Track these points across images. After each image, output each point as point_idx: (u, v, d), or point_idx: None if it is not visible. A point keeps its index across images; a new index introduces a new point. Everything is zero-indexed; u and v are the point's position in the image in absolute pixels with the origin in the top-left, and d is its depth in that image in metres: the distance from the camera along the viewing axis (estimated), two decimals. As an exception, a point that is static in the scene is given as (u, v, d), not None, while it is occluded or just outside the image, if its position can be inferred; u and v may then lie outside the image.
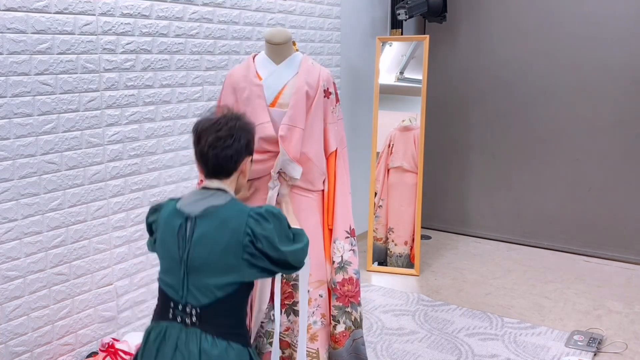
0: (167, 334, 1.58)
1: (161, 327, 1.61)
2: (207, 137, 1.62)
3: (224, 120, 1.64)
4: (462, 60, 4.57)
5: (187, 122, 2.92)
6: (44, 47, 2.28)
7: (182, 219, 1.59)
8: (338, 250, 2.17)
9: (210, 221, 1.57)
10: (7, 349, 2.27)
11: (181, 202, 1.64)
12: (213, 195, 1.62)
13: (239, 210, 1.59)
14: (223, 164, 1.64)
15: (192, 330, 1.57)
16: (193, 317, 1.57)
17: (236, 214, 1.58)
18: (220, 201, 1.60)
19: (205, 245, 1.56)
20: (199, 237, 1.56)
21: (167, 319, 1.61)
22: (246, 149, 1.67)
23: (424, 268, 3.99)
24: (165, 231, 1.63)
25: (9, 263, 2.25)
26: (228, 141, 1.61)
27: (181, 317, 1.58)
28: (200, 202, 1.61)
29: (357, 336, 2.23)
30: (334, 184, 2.19)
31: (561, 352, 2.84)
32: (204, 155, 1.64)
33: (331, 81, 2.15)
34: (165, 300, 1.63)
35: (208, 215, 1.58)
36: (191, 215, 1.59)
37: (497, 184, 4.56)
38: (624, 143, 4.01)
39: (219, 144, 1.61)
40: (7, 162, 2.20)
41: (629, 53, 3.92)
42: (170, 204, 1.67)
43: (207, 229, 1.57)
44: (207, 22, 2.95)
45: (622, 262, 4.06)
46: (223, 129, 1.62)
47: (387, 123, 3.97)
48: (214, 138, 1.61)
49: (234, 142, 1.62)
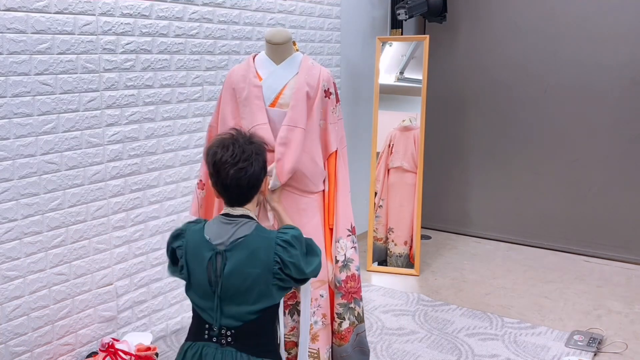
0: (204, 352, 1.65)
1: (197, 347, 1.67)
2: (228, 171, 1.63)
3: (239, 149, 1.65)
4: (462, 60, 4.57)
5: (187, 122, 2.92)
6: (44, 47, 2.28)
7: (212, 252, 1.63)
8: (342, 248, 2.18)
9: (240, 253, 1.62)
10: (7, 349, 2.27)
11: (208, 232, 1.66)
12: (238, 225, 1.65)
13: (266, 238, 1.64)
14: (247, 192, 1.68)
15: (228, 350, 1.64)
16: (228, 338, 1.64)
17: (264, 243, 1.63)
18: (246, 231, 1.64)
19: (237, 277, 1.61)
20: (231, 270, 1.61)
21: (202, 339, 1.67)
22: (263, 170, 1.71)
23: (424, 268, 3.99)
24: (194, 262, 1.66)
25: (9, 263, 2.25)
26: (249, 171, 1.64)
27: (217, 338, 1.65)
28: (227, 233, 1.64)
29: (360, 330, 2.27)
30: (335, 183, 2.20)
31: (561, 352, 2.84)
32: (227, 187, 1.66)
33: (331, 81, 2.15)
34: (200, 322, 1.68)
35: (237, 248, 1.62)
36: (220, 248, 1.62)
37: (497, 184, 4.56)
38: (624, 143, 4.01)
39: (241, 175, 1.63)
40: (7, 162, 2.20)
41: (628, 53, 3.92)
42: (195, 233, 1.68)
43: (238, 262, 1.61)
44: (207, 22, 2.95)
45: (622, 262, 4.06)
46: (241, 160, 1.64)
47: (387, 123, 3.97)
48: (235, 171, 1.62)
49: (254, 169, 1.65)
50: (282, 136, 2.02)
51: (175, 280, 2.96)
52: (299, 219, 2.11)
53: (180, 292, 2.99)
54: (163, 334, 2.93)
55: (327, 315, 2.21)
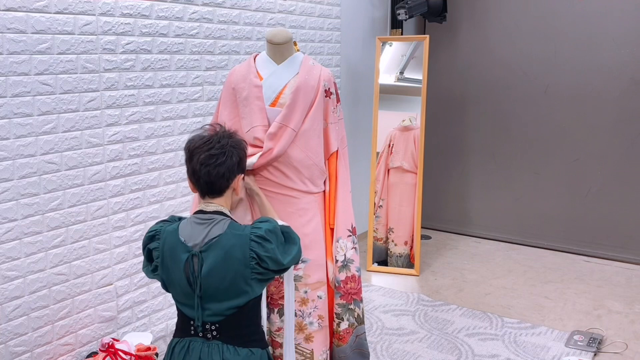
0: (191, 347, 1.67)
1: (185, 342, 1.69)
2: (199, 155, 1.65)
3: (215, 139, 1.67)
4: (462, 60, 4.57)
5: (187, 122, 2.92)
6: (44, 47, 2.28)
7: (188, 254, 1.63)
8: (341, 249, 2.18)
9: (215, 253, 1.62)
10: (7, 349, 2.27)
11: (182, 233, 1.66)
12: (212, 224, 1.65)
13: (240, 236, 1.63)
14: (215, 182, 1.67)
15: (214, 342, 1.66)
16: (213, 332, 1.66)
17: (238, 240, 1.62)
18: (220, 230, 1.64)
19: (215, 277, 1.61)
20: (208, 271, 1.61)
21: (189, 334, 1.69)
22: (238, 166, 1.70)
23: (424, 268, 3.99)
24: (171, 264, 1.67)
25: (9, 263, 2.25)
26: (220, 159, 1.64)
27: (202, 332, 1.67)
28: (201, 234, 1.64)
29: (360, 332, 2.26)
30: (335, 184, 2.20)
31: (561, 352, 2.84)
32: (196, 173, 1.67)
33: (332, 81, 2.15)
34: (184, 318, 1.70)
35: (212, 248, 1.62)
36: (196, 250, 1.63)
37: (497, 184, 4.56)
38: (624, 143, 4.01)
39: (211, 162, 1.64)
40: (7, 162, 2.20)
41: (628, 53, 3.92)
42: (170, 234, 1.69)
43: (214, 262, 1.61)
44: (207, 22, 2.95)
45: (622, 262, 4.06)
46: (215, 147, 1.65)
47: (387, 123, 3.97)
48: (206, 156, 1.64)
49: (225, 159, 1.65)
50: (271, 132, 2.03)
51: (175, 280, 2.96)
52: (299, 218, 2.11)
53: (180, 292, 2.99)
54: (163, 334, 2.93)
55: (324, 317, 2.20)
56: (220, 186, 1.68)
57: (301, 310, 2.17)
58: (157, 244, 1.72)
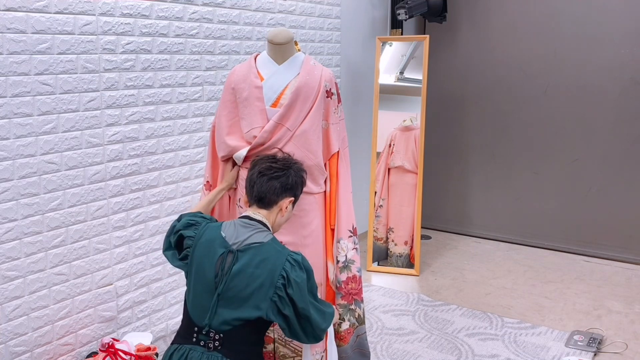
0: (190, 356, 1.64)
1: (184, 350, 1.66)
2: (261, 165, 1.72)
3: (281, 157, 1.76)
4: (462, 60, 4.57)
5: (187, 122, 2.92)
6: (44, 47, 2.28)
7: (224, 249, 1.64)
8: (342, 249, 2.18)
9: (251, 257, 1.63)
10: (7, 349, 2.27)
11: (225, 230, 1.68)
12: (257, 230, 1.68)
13: (278, 252, 1.65)
14: (267, 192, 1.71)
15: (214, 354, 1.63)
16: (216, 342, 1.63)
17: (275, 255, 1.64)
18: (263, 239, 1.66)
19: (242, 279, 1.61)
20: (238, 270, 1.61)
21: (190, 342, 1.66)
22: (291, 188, 1.74)
23: (424, 268, 3.99)
24: (203, 255, 1.67)
25: (9, 263, 2.25)
26: (278, 172, 1.71)
27: (204, 341, 1.64)
28: (244, 235, 1.66)
29: (361, 332, 2.26)
30: (336, 184, 2.20)
31: (561, 352, 2.84)
32: (252, 181, 1.72)
33: (333, 81, 2.15)
34: (189, 323, 1.68)
35: (249, 251, 1.63)
36: (234, 248, 1.63)
37: (497, 184, 4.56)
38: (624, 143, 4.01)
39: (270, 172, 1.70)
40: (7, 162, 2.20)
41: (629, 53, 3.92)
42: (213, 228, 1.71)
43: (247, 265, 1.62)
44: (207, 22, 2.95)
45: (622, 262, 4.06)
46: (278, 162, 1.73)
47: (387, 123, 3.97)
48: (267, 166, 1.71)
49: (283, 175, 1.71)
50: (267, 130, 2.04)
51: (175, 280, 2.96)
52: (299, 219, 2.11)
53: (180, 292, 2.99)
54: (163, 334, 2.93)
55: None
56: (270, 199, 1.72)
57: None
58: (193, 233, 1.72)
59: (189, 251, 1.71)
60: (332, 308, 1.77)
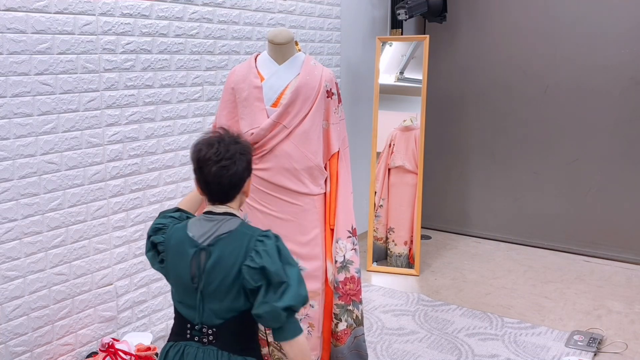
0: (185, 352, 1.65)
1: (179, 346, 1.67)
2: (210, 168, 1.64)
3: (223, 148, 1.65)
4: (462, 60, 4.57)
5: (187, 122, 2.92)
6: (44, 47, 2.28)
7: (195, 248, 1.63)
8: (340, 249, 2.18)
9: (223, 248, 1.62)
10: (7, 349, 2.27)
11: (191, 229, 1.67)
12: (222, 222, 1.65)
13: (247, 235, 1.63)
14: (228, 191, 1.67)
15: (209, 348, 1.64)
16: (210, 336, 1.64)
17: (245, 238, 1.62)
18: (231, 226, 1.64)
19: (219, 272, 1.60)
20: (213, 265, 1.61)
21: (184, 338, 1.67)
22: (246, 171, 1.70)
23: (424, 268, 3.99)
24: (176, 259, 1.67)
25: (9, 263, 2.25)
26: (231, 169, 1.64)
27: (198, 336, 1.65)
28: (211, 230, 1.64)
29: (359, 333, 2.25)
30: (336, 184, 2.19)
31: (561, 352, 2.84)
32: (209, 185, 1.67)
33: (334, 81, 2.15)
34: (181, 321, 1.69)
35: (220, 243, 1.62)
36: (204, 245, 1.62)
37: (497, 184, 4.56)
38: (624, 143, 4.01)
39: (222, 173, 1.64)
40: (7, 162, 2.20)
41: (629, 53, 3.92)
42: (179, 229, 1.69)
43: (220, 256, 1.61)
44: (207, 22, 2.95)
45: (622, 262, 4.06)
46: (224, 159, 1.64)
47: (387, 123, 3.97)
48: (217, 169, 1.63)
49: (236, 168, 1.65)
50: (263, 127, 2.03)
51: (175, 280, 2.96)
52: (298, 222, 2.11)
53: (180, 292, 2.99)
54: (163, 334, 2.93)
55: (315, 326, 2.19)
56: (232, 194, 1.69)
57: None
58: (162, 238, 1.72)
59: (164, 256, 1.72)
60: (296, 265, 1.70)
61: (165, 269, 1.72)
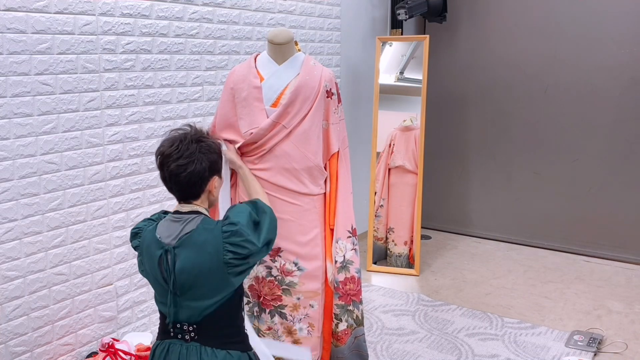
0: (170, 350, 1.68)
1: (165, 344, 1.70)
2: (169, 165, 1.64)
3: (184, 146, 1.66)
4: (462, 60, 4.57)
5: (187, 122, 2.92)
6: (44, 47, 2.28)
7: (162, 250, 1.64)
8: (340, 249, 2.17)
9: (188, 249, 1.62)
10: (7, 349, 2.27)
11: (159, 231, 1.68)
12: (186, 221, 1.66)
13: (210, 230, 1.63)
14: (187, 189, 1.68)
15: (192, 344, 1.66)
16: (191, 333, 1.66)
17: (209, 235, 1.62)
18: (192, 226, 1.64)
19: (189, 273, 1.61)
20: (181, 267, 1.61)
21: (168, 336, 1.69)
22: (209, 170, 1.69)
23: (424, 268, 3.99)
24: (148, 260, 1.69)
25: (9, 263, 2.25)
26: (189, 167, 1.64)
27: (181, 334, 1.67)
28: (176, 230, 1.65)
29: (359, 333, 2.25)
30: (336, 184, 2.19)
31: (561, 352, 2.84)
32: (167, 182, 1.68)
33: (333, 81, 2.15)
34: (164, 320, 1.71)
35: (185, 244, 1.62)
36: (169, 246, 1.63)
37: (497, 184, 4.56)
38: (624, 143, 4.01)
39: (180, 172, 1.64)
40: (7, 162, 2.20)
41: (629, 53, 3.92)
42: (149, 232, 1.71)
43: (187, 258, 1.61)
44: (207, 22, 2.95)
45: (622, 262, 4.06)
46: (184, 156, 1.64)
47: (387, 123, 3.97)
48: (175, 166, 1.63)
49: (195, 167, 1.64)
50: (263, 127, 2.03)
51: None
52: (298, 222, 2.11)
53: (180, 292, 2.99)
54: (163, 334, 2.93)
55: (315, 326, 2.19)
56: (193, 192, 1.69)
57: (292, 315, 2.17)
58: (138, 242, 1.75)
59: (141, 258, 1.74)
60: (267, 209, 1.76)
61: (144, 272, 1.74)
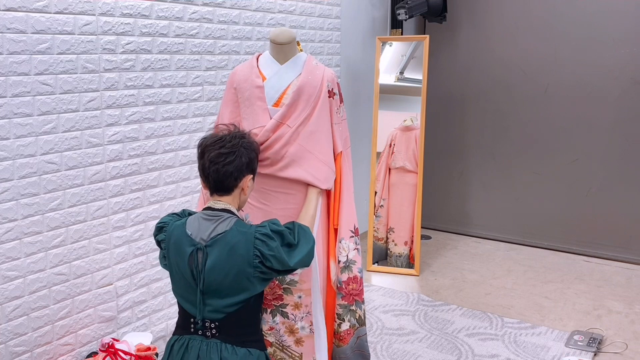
0: (190, 345, 1.69)
1: (184, 340, 1.71)
2: (210, 153, 1.69)
3: (228, 138, 1.72)
4: (462, 60, 4.57)
5: (187, 122, 2.92)
6: (44, 47, 2.28)
7: (193, 247, 1.66)
8: (344, 249, 2.18)
9: (220, 249, 1.64)
10: (7, 349, 2.27)
11: (189, 227, 1.69)
12: (219, 220, 1.68)
13: (245, 233, 1.66)
14: (223, 180, 1.70)
15: (213, 341, 1.68)
16: (213, 330, 1.68)
17: (243, 238, 1.65)
18: (226, 227, 1.67)
19: (219, 272, 1.64)
20: (211, 266, 1.64)
21: (188, 332, 1.71)
22: (247, 166, 1.73)
23: (424, 268, 3.99)
24: (176, 256, 1.70)
25: (9, 263, 2.25)
26: (229, 157, 1.68)
27: (202, 330, 1.68)
28: (208, 229, 1.67)
29: (361, 333, 2.25)
30: (339, 184, 2.19)
31: (561, 352, 2.84)
32: (205, 170, 1.71)
33: (335, 81, 2.15)
34: (185, 315, 1.72)
35: (217, 244, 1.65)
36: (201, 244, 1.65)
37: (497, 184, 4.56)
38: (624, 143, 4.01)
39: (220, 160, 1.68)
40: (7, 162, 2.20)
41: (629, 53, 3.92)
42: (178, 227, 1.72)
43: (218, 258, 1.64)
44: (207, 22, 2.95)
45: (622, 262, 4.06)
46: (225, 146, 1.70)
47: (387, 123, 3.97)
48: (216, 154, 1.68)
49: (235, 158, 1.69)
50: (268, 129, 2.03)
51: (175, 280, 2.96)
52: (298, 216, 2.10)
53: (180, 292, 2.99)
54: (163, 334, 2.93)
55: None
56: (228, 185, 1.71)
57: (293, 314, 2.17)
58: (163, 236, 1.76)
59: (165, 253, 1.75)
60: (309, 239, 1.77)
61: (168, 265, 1.75)
